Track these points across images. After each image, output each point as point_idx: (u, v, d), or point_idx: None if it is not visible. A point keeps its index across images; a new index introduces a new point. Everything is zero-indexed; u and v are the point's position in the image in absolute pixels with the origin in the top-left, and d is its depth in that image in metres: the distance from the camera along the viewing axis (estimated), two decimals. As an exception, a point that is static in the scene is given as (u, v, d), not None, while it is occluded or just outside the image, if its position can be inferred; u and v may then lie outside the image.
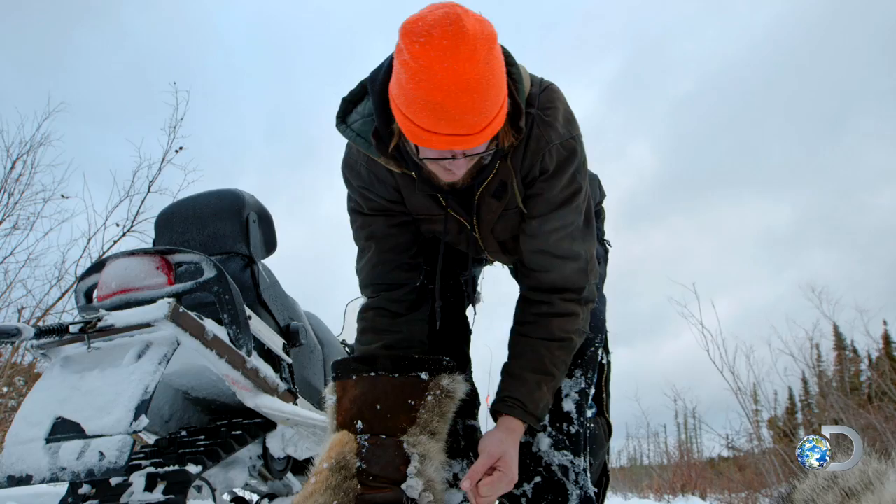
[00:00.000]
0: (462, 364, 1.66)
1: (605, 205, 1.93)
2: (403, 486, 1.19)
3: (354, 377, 1.31)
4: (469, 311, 1.73)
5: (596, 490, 1.51)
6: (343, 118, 1.31)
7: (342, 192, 1.51)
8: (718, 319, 13.53)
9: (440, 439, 1.27)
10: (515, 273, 1.63)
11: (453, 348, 1.63)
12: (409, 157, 1.25)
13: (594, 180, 1.82)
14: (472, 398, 1.56)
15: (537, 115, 1.30)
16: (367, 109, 1.28)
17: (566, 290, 1.38)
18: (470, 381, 1.54)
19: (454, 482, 1.39)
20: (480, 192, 1.36)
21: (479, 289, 1.90)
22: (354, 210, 1.48)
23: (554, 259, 1.37)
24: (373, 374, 1.29)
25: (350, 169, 1.42)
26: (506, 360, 1.40)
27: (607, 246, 1.90)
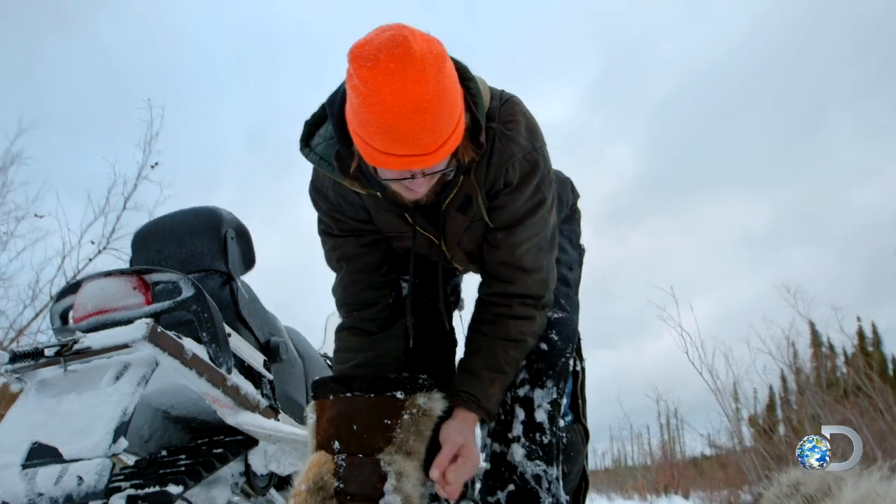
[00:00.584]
0: (447, 377, 1.68)
1: (580, 206, 1.89)
2: (381, 503, 1.21)
3: (331, 397, 1.32)
4: (456, 321, 1.73)
5: (569, 498, 1.54)
6: (306, 141, 1.31)
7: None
8: (697, 322, 13.69)
9: (417, 458, 1.29)
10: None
11: (438, 362, 1.63)
12: (371, 178, 1.25)
13: (566, 183, 1.81)
14: None
15: (498, 130, 1.30)
16: (329, 132, 1.27)
17: (526, 297, 1.42)
18: None
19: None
20: (446, 207, 1.37)
21: (461, 296, 1.91)
22: (325, 232, 1.49)
23: (517, 271, 1.40)
24: (349, 394, 1.31)
25: (317, 192, 1.43)
26: (463, 355, 1.46)
27: (582, 249, 1.86)
